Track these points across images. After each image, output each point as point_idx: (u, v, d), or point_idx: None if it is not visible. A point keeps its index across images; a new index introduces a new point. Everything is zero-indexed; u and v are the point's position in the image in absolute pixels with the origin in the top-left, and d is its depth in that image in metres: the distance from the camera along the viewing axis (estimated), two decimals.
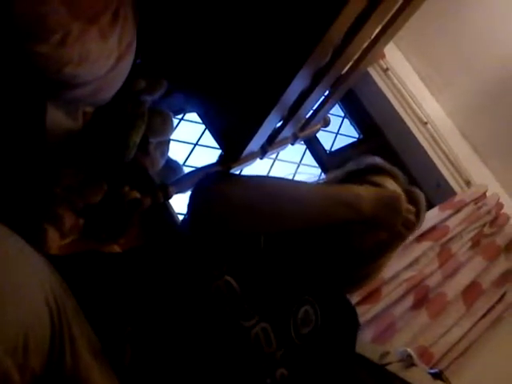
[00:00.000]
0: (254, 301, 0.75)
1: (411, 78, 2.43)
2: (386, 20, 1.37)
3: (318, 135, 2.23)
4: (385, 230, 0.87)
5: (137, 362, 0.65)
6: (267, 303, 0.76)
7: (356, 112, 2.48)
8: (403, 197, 0.87)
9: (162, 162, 1.37)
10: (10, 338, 0.48)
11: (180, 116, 1.71)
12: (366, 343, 1.04)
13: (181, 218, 1.45)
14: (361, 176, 0.97)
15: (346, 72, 1.54)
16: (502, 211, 2.15)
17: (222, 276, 0.74)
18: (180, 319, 0.70)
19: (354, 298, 1.53)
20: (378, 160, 1.03)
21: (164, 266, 0.77)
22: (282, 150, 1.82)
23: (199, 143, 1.86)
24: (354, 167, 1.01)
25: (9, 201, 0.88)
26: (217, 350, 0.70)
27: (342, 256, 0.90)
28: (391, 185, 0.95)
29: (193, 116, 1.78)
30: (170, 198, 1.30)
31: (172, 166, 1.47)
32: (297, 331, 0.77)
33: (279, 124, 1.56)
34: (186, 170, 1.58)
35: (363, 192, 0.82)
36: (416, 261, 1.79)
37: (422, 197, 0.99)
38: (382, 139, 2.42)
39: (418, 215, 0.95)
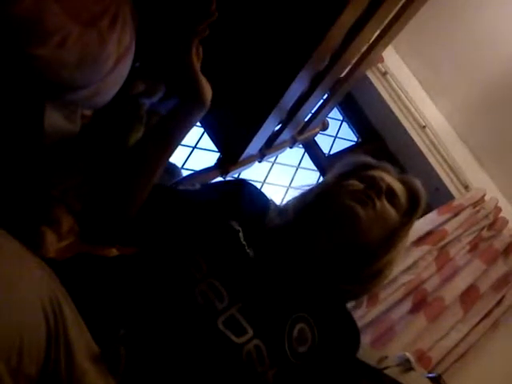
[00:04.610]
0: (249, 316, 0.73)
1: (410, 82, 2.44)
2: (384, 24, 1.38)
3: (316, 139, 2.24)
4: None
5: (132, 366, 0.65)
6: (260, 320, 0.74)
7: (354, 116, 2.48)
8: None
9: None
10: (3, 344, 0.47)
11: None
12: (363, 347, 1.03)
13: None
14: (353, 174, 0.96)
15: (345, 75, 1.55)
16: (500, 215, 2.15)
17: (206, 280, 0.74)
18: (170, 326, 0.70)
19: (351, 302, 1.53)
20: (364, 157, 1.02)
21: (155, 269, 0.77)
22: (281, 153, 1.82)
23: (197, 146, 1.86)
24: (343, 169, 1.00)
25: (6, 203, 0.87)
26: (206, 360, 0.69)
27: (350, 254, 0.88)
28: (386, 177, 0.94)
29: None
30: None
31: (170, 168, 1.47)
32: (292, 350, 0.75)
33: (278, 127, 1.56)
34: (185, 173, 1.57)
35: None
36: (414, 264, 1.79)
37: (417, 183, 0.99)
38: (381, 143, 2.43)
39: (418, 201, 0.96)
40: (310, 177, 2.27)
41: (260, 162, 1.63)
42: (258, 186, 1.95)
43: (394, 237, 0.91)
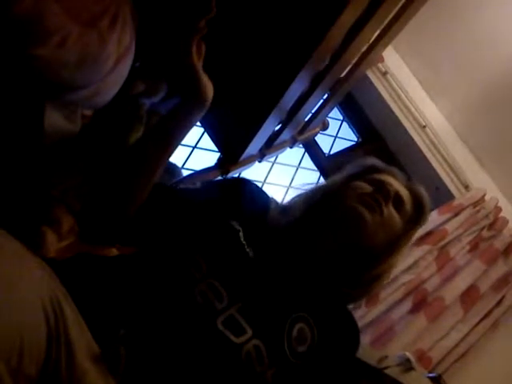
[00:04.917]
0: (248, 316, 0.73)
1: (410, 82, 2.43)
2: (384, 24, 1.38)
3: (316, 138, 2.24)
4: None
5: (132, 366, 0.65)
6: (259, 320, 0.74)
7: (355, 115, 2.48)
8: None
9: None
10: (3, 344, 0.47)
11: None
12: (364, 347, 1.03)
13: None
14: (361, 177, 0.96)
15: (345, 75, 1.55)
16: (501, 215, 2.15)
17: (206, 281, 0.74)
18: (169, 326, 0.70)
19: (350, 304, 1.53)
20: (374, 160, 1.02)
21: (155, 268, 0.77)
22: (281, 153, 1.82)
23: (198, 146, 1.86)
24: (352, 170, 1.00)
25: (6, 203, 0.87)
26: (206, 360, 0.69)
27: (352, 256, 0.88)
28: (394, 182, 0.95)
29: None
30: None
31: (170, 168, 1.47)
32: (292, 349, 0.75)
33: (278, 127, 1.56)
34: (185, 172, 1.57)
35: None
36: (414, 264, 1.79)
37: (423, 192, 0.99)
38: (381, 142, 2.43)
39: (424, 209, 0.97)
40: (310, 177, 2.28)
41: (260, 161, 1.63)
42: (259, 186, 1.95)
43: (397, 243, 0.91)
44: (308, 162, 2.27)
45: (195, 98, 0.86)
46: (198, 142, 1.86)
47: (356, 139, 2.51)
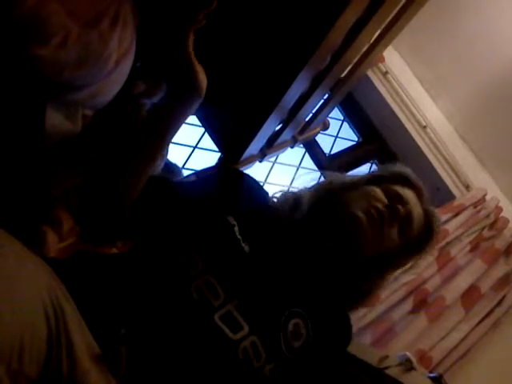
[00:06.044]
0: (245, 313, 0.74)
1: (410, 82, 2.43)
2: (385, 24, 1.38)
3: (317, 138, 2.23)
4: None
5: (133, 366, 0.65)
6: (255, 316, 0.75)
7: (355, 115, 2.48)
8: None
9: (160, 165, 1.37)
10: (4, 344, 0.47)
11: None
12: (364, 347, 1.03)
13: None
14: (382, 182, 0.94)
15: (346, 75, 1.55)
16: (501, 215, 2.15)
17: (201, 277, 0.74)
18: (168, 323, 0.70)
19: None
20: (406, 170, 1.00)
21: (152, 266, 0.77)
22: (282, 153, 1.82)
23: (198, 146, 1.86)
24: (379, 172, 0.99)
25: (7, 203, 0.87)
26: (204, 357, 0.69)
27: (345, 266, 0.88)
28: (412, 199, 0.92)
29: (192, 119, 1.78)
30: None
31: (171, 168, 1.47)
32: (287, 345, 0.76)
33: (279, 127, 1.56)
34: (185, 172, 1.57)
35: None
36: (415, 264, 1.78)
37: (437, 221, 0.98)
38: (381, 142, 2.43)
39: (432, 237, 0.96)
40: (310, 177, 2.27)
41: (261, 161, 1.63)
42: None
43: (388, 262, 0.92)
44: (309, 161, 2.28)
45: (190, 88, 0.86)
46: (198, 142, 1.86)
47: (357, 139, 2.50)
